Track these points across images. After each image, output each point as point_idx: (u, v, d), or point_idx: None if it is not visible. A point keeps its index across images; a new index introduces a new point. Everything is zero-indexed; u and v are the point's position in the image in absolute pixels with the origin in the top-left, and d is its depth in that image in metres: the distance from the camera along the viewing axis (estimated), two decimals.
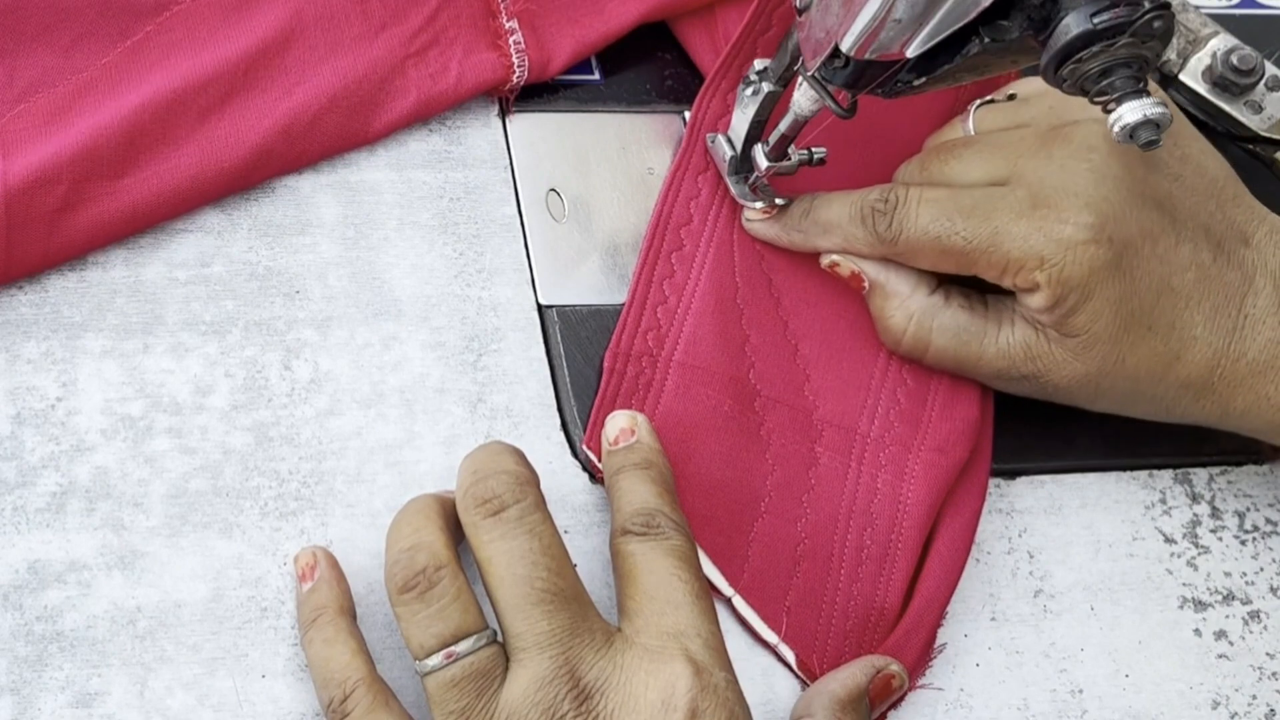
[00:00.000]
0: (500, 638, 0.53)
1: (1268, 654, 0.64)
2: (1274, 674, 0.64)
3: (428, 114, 0.66)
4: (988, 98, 0.66)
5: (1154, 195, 0.62)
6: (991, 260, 0.61)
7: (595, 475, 0.61)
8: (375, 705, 0.53)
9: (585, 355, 0.63)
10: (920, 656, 0.60)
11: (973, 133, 0.66)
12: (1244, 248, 0.63)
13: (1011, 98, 0.66)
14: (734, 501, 0.61)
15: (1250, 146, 0.74)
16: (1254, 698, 0.63)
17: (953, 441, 0.64)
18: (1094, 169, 0.60)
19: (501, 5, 0.68)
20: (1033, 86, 0.66)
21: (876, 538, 0.62)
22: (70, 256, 0.60)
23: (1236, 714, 0.63)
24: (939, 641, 0.61)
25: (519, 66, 0.67)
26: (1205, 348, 0.61)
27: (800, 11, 0.57)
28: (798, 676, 0.59)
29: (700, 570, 0.55)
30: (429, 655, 0.52)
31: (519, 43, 0.67)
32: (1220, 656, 0.64)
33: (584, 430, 0.62)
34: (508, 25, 0.67)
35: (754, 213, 0.66)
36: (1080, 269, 0.59)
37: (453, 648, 0.52)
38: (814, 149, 0.65)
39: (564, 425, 0.62)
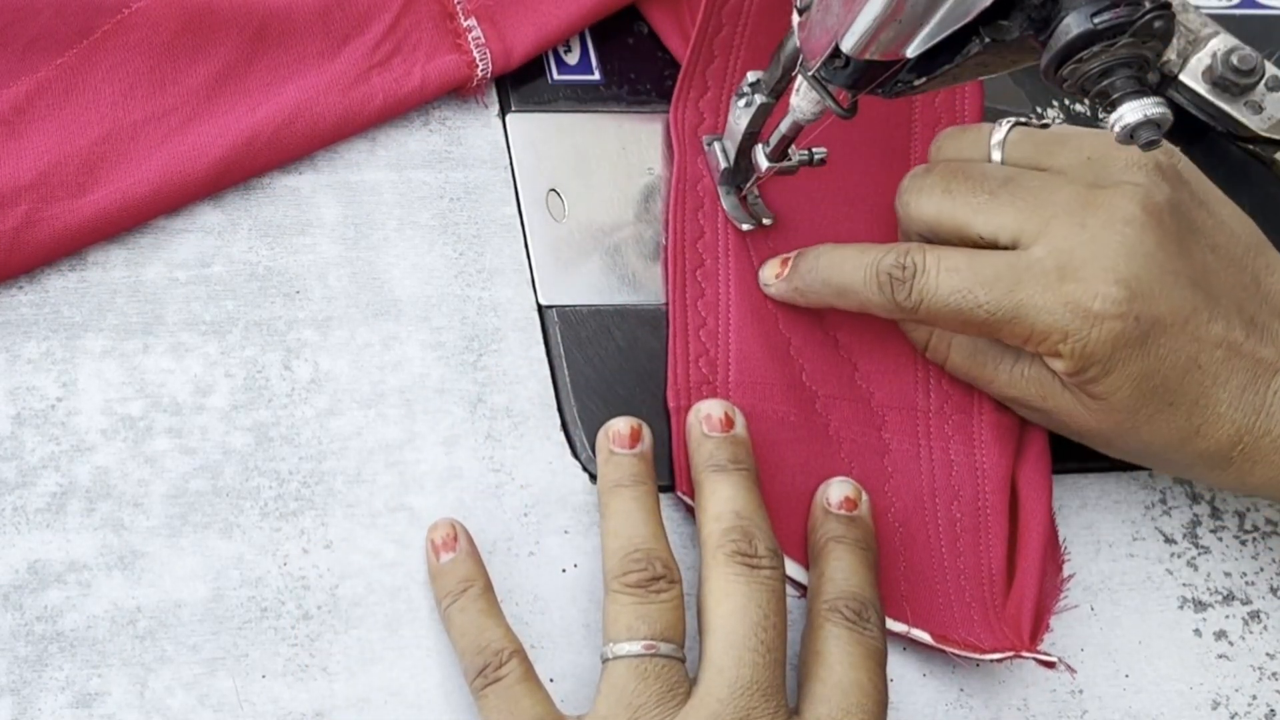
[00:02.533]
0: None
1: (1268, 654, 0.64)
2: (1274, 674, 0.64)
3: (390, 118, 0.66)
4: (1021, 118, 0.63)
5: (1188, 271, 0.59)
6: (1015, 331, 0.58)
7: (686, 494, 0.61)
8: (529, 675, 0.55)
9: (585, 355, 0.63)
10: (1038, 611, 0.61)
11: (999, 159, 0.62)
12: (1277, 322, 0.60)
13: (1045, 125, 0.63)
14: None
15: (1250, 146, 0.74)
16: (1254, 698, 0.63)
17: None
18: (1127, 243, 0.58)
19: (458, 5, 0.68)
20: (1064, 127, 0.63)
21: (964, 509, 0.62)
22: (29, 269, 0.60)
23: (1236, 714, 0.63)
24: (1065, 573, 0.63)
25: (481, 61, 0.67)
26: (1228, 425, 0.59)
27: (800, 12, 0.57)
28: (940, 650, 0.60)
29: (885, 674, 0.57)
30: (630, 640, 0.54)
31: (478, 38, 0.67)
32: (1220, 657, 0.64)
33: (585, 432, 0.62)
34: (465, 24, 0.67)
35: (769, 274, 0.64)
36: (1104, 345, 0.57)
37: (656, 643, 0.54)
38: (814, 149, 0.65)
39: (564, 425, 0.62)
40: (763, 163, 0.64)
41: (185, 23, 0.64)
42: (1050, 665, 0.60)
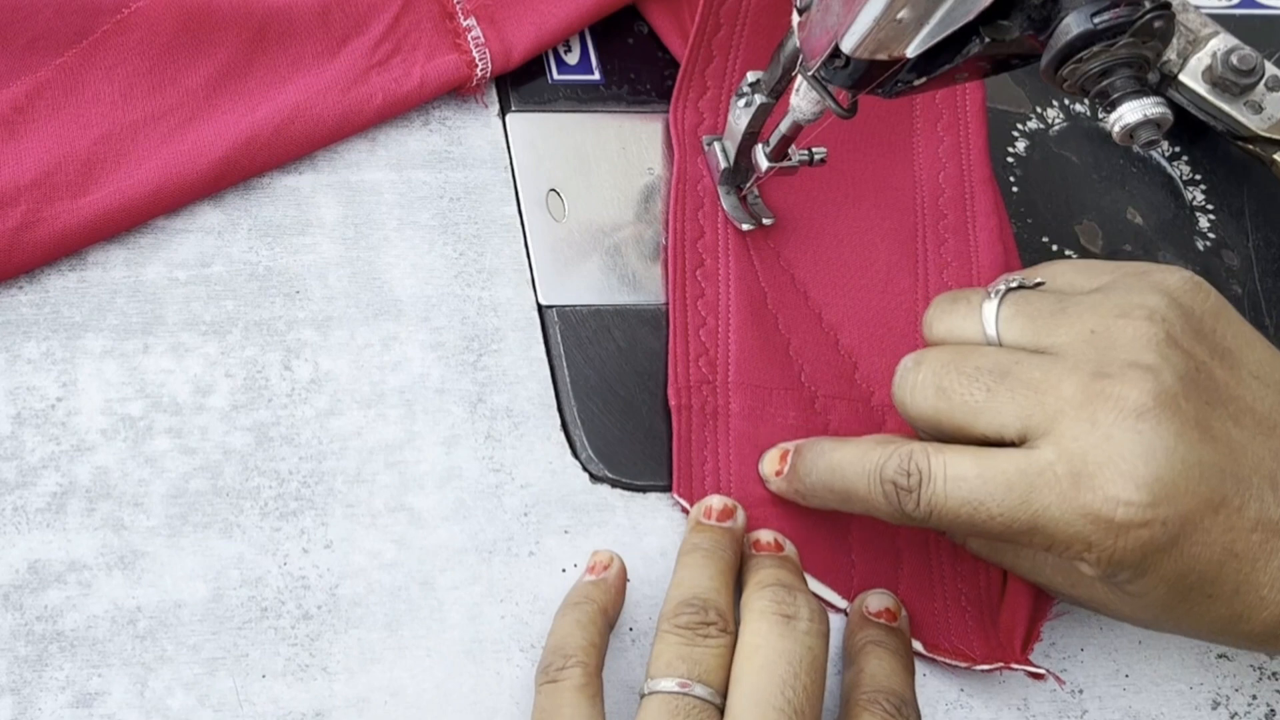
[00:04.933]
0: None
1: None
2: (1274, 674, 0.64)
3: (390, 117, 0.66)
4: (1014, 280, 0.58)
5: (1213, 458, 0.53)
6: (1034, 541, 0.54)
7: (682, 498, 0.61)
8: (586, 688, 0.54)
9: (585, 355, 0.63)
10: (1032, 620, 0.61)
11: (994, 333, 0.57)
12: None
13: (1040, 284, 0.58)
14: (826, 512, 0.61)
15: (1250, 146, 0.74)
16: (1254, 698, 0.63)
17: None
18: (1144, 441, 0.52)
19: (457, 5, 0.68)
20: (1063, 278, 0.58)
21: None
22: (29, 269, 0.60)
23: (1236, 714, 0.63)
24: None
25: (481, 61, 0.67)
26: (1274, 608, 0.53)
27: (800, 11, 0.57)
28: (933, 661, 0.60)
29: None
30: (668, 677, 0.54)
31: (478, 38, 0.67)
32: (1220, 656, 0.64)
33: (584, 432, 0.62)
34: (465, 23, 0.67)
35: (768, 469, 0.62)
36: (1133, 554, 0.52)
37: (691, 683, 0.54)
38: (814, 149, 0.65)
39: (564, 425, 0.62)
40: (763, 163, 0.64)
41: (185, 23, 0.64)
42: (1039, 678, 0.60)
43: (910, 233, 0.68)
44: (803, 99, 0.60)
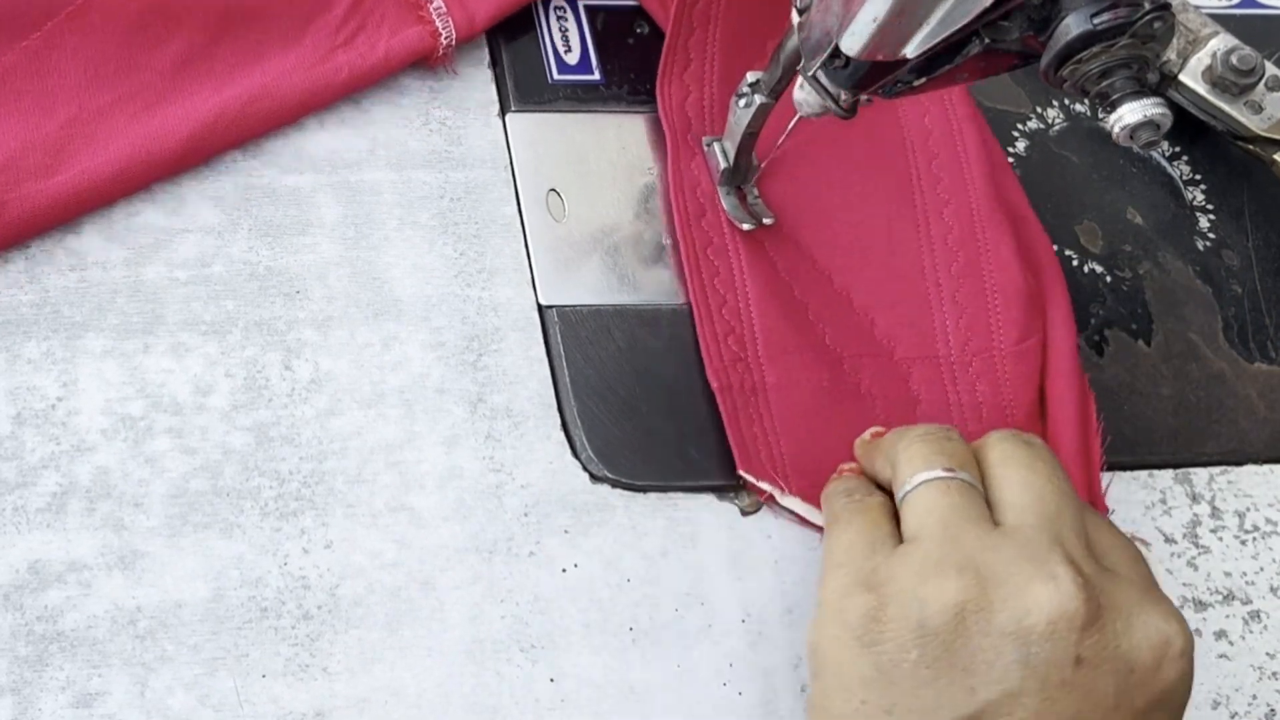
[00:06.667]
0: None
1: (1268, 654, 0.64)
2: (1274, 674, 0.64)
3: (356, 90, 0.66)
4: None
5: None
6: None
7: (760, 496, 0.62)
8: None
9: (585, 355, 0.63)
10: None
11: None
12: None
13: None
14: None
15: (1250, 146, 0.74)
16: (1254, 698, 0.63)
17: (1028, 327, 0.65)
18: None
19: None
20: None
21: None
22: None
23: (1236, 714, 0.63)
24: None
25: (444, 30, 0.67)
26: None
27: (800, 12, 0.57)
28: None
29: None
30: (929, 470, 0.54)
31: (439, 8, 0.67)
32: (1220, 656, 0.64)
33: (584, 432, 0.62)
34: None
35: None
36: None
37: (955, 470, 0.54)
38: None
39: (564, 425, 0.62)
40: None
41: (149, 5, 0.64)
42: None
43: (904, 178, 0.69)
44: (802, 96, 0.60)
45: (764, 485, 0.61)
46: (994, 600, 0.51)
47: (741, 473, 0.61)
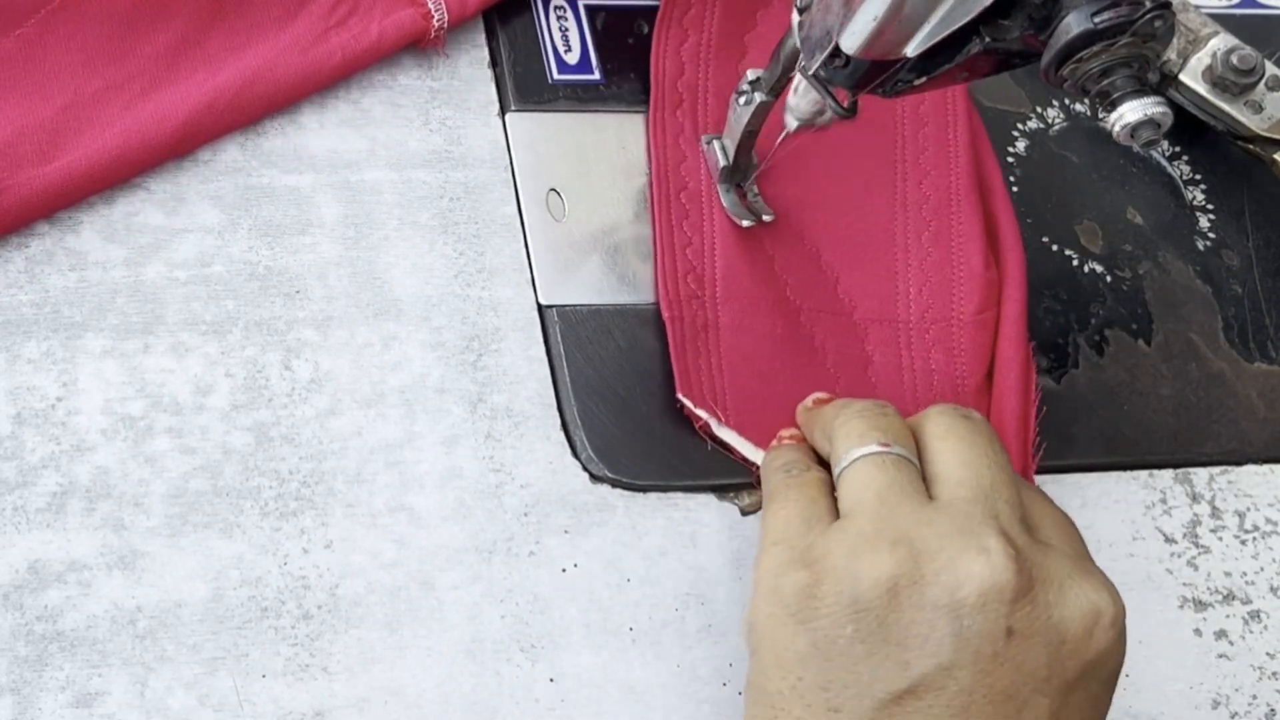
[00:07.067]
0: None
1: (1268, 654, 0.64)
2: (1274, 674, 0.64)
3: (350, 74, 0.67)
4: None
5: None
6: None
7: (696, 424, 0.62)
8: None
9: (585, 355, 0.63)
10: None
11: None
12: None
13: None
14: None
15: (1250, 146, 0.74)
16: (1254, 698, 0.63)
17: (988, 298, 0.66)
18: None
19: None
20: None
21: None
22: None
23: (1236, 714, 0.63)
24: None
25: (437, 12, 0.67)
26: None
27: (800, 11, 0.57)
28: None
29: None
30: (863, 445, 0.54)
31: None
32: (1220, 656, 0.64)
33: (584, 432, 0.62)
34: None
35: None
36: None
37: (890, 444, 0.54)
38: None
39: (564, 425, 0.62)
40: (792, 123, 0.64)
41: None
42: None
43: (890, 144, 0.70)
44: (802, 96, 0.60)
45: (701, 412, 0.62)
46: (926, 574, 0.51)
47: (680, 396, 0.62)
